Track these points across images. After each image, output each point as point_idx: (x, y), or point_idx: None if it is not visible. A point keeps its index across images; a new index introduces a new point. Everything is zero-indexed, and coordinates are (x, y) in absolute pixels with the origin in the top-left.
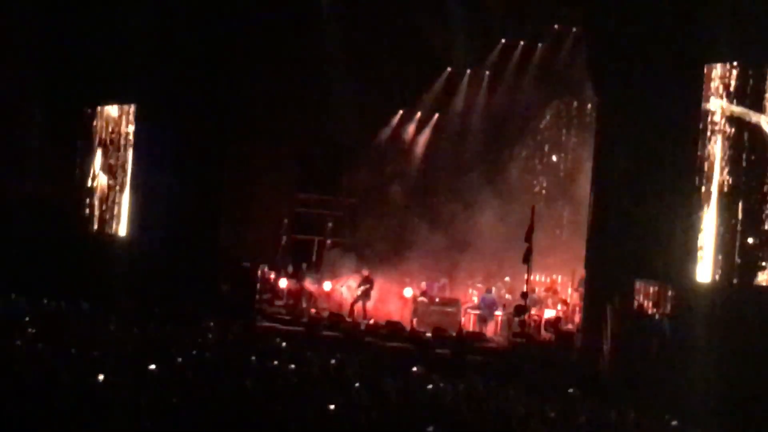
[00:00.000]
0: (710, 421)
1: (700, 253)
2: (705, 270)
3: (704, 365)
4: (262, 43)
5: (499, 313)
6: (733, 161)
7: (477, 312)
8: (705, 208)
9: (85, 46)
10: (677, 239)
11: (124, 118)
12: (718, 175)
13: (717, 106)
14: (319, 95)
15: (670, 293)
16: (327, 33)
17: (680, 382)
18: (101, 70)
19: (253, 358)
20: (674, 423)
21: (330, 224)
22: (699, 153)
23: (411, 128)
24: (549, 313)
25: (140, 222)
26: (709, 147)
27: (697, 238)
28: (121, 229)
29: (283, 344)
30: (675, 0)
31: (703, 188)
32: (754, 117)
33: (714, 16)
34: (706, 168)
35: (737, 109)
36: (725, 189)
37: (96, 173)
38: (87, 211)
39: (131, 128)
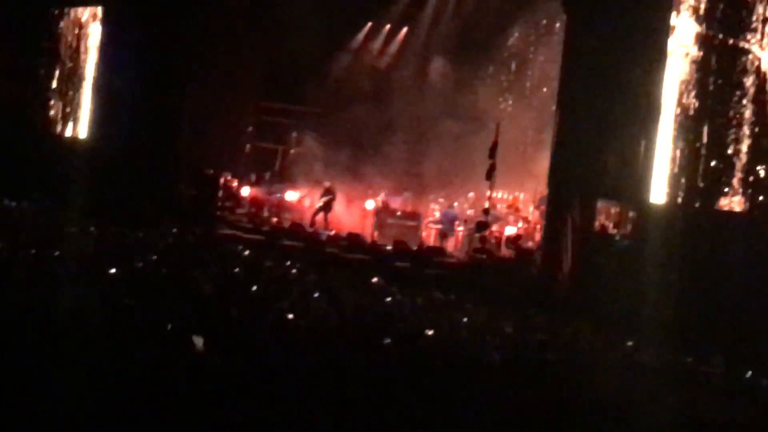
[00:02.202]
0: (665, 341)
1: (662, 176)
2: (667, 192)
3: (662, 286)
4: None
5: (460, 228)
6: (700, 84)
7: (438, 227)
8: (670, 131)
9: None
10: (640, 161)
11: (90, 20)
12: (684, 98)
13: (687, 27)
14: (285, 4)
15: (630, 214)
16: None
17: (637, 302)
18: None
19: (213, 264)
20: (629, 343)
21: (294, 134)
22: (665, 75)
23: (379, 40)
24: (510, 230)
25: (102, 125)
26: (677, 69)
27: (660, 161)
28: (82, 131)
29: (245, 252)
30: None
31: (669, 110)
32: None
33: None
34: (672, 90)
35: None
36: (691, 112)
37: (62, 75)
38: (52, 112)
39: (97, 30)
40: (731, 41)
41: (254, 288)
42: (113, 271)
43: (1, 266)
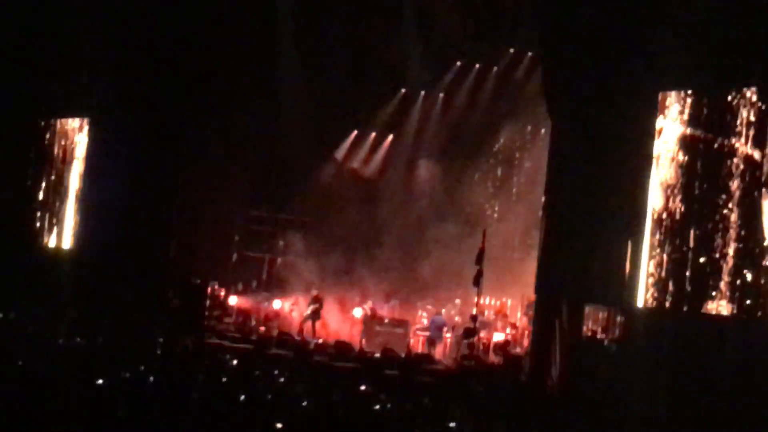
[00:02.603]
0: None
1: (650, 279)
2: (655, 296)
3: (652, 391)
4: (217, 60)
5: (448, 335)
6: (685, 188)
7: (426, 334)
8: (657, 235)
9: (39, 59)
10: (627, 265)
11: (76, 131)
12: (671, 202)
13: (672, 130)
14: (273, 114)
15: (619, 318)
16: (281, 51)
17: (627, 408)
18: (55, 83)
19: (201, 374)
20: None
21: (281, 242)
22: (651, 179)
23: (365, 148)
24: (498, 336)
25: (90, 235)
26: (662, 174)
27: (647, 264)
28: (72, 241)
29: (233, 362)
30: (630, 26)
31: (655, 215)
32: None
33: (669, 44)
34: (658, 195)
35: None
36: (677, 216)
37: (48, 185)
38: (38, 223)
39: (84, 141)
40: (716, 145)
41: (242, 397)
42: (100, 381)
43: None
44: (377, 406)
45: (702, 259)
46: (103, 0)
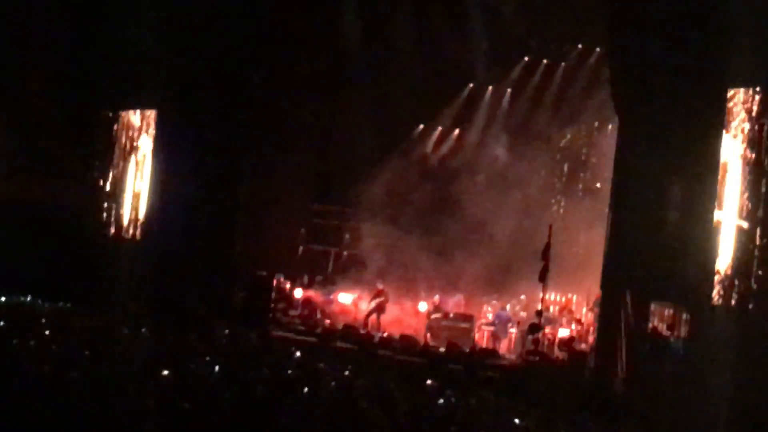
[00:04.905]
0: None
1: (716, 278)
2: (721, 294)
3: (718, 390)
4: (283, 52)
5: (513, 330)
6: (752, 187)
7: (491, 329)
8: (723, 233)
9: (106, 50)
10: (694, 263)
11: (144, 123)
12: (738, 201)
13: (740, 128)
14: (339, 106)
15: (685, 316)
16: (347, 45)
17: (694, 407)
18: (122, 74)
19: (266, 367)
20: None
21: (347, 236)
22: (719, 178)
23: (431, 142)
24: (563, 332)
25: (156, 227)
26: (730, 172)
27: (714, 263)
28: (138, 233)
29: (297, 354)
30: (698, 22)
31: (722, 212)
32: None
33: (738, 40)
34: (725, 193)
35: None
36: (744, 214)
37: (115, 177)
38: (105, 215)
39: (151, 133)
40: None
41: (307, 391)
42: (166, 373)
43: (55, 368)
44: (441, 401)
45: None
46: None
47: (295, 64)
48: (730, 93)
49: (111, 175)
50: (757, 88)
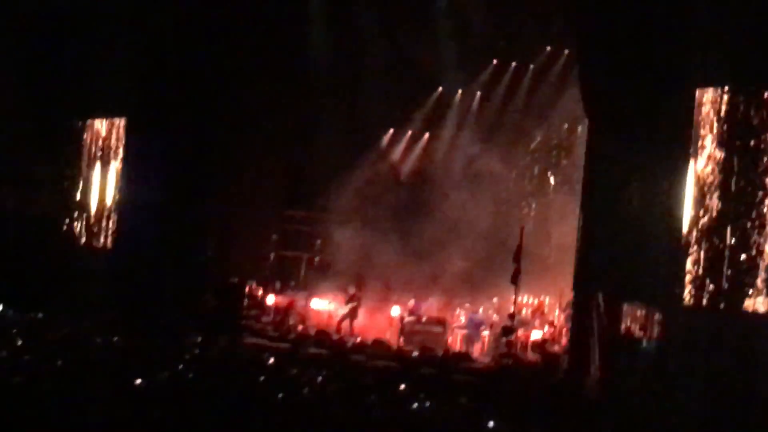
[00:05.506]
0: None
1: (687, 277)
2: (692, 294)
3: (690, 390)
4: (252, 59)
5: (486, 333)
6: (722, 185)
7: (464, 332)
8: (693, 232)
9: (74, 58)
10: (665, 263)
11: (113, 131)
12: (708, 199)
13: (708, 128)
14: (309, 112)
15: (657, 317)
16: (316, 50)
17: (667, 408)
18: (91, 83)
19: (238, 374)
20: None
21: (318, 241)
22: (688, 177)
23: (401, 147)
24: (536, 335)
25: (127, 235)
26: (699, 171)
27: (685, 262)
28: (109, 242)
29: (270, 360)
30: (666, 23)
31: (692, 212)
32: None
33: (706, 40)
34: (695, 192)
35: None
36: (714, 214)
37: (85, 186)
38: (75, 224)
39: (121, 141)
40: (753, 142)
41: (280, 397)
42: (138, 381)
43: (27, 378)
44: (415, 405)
45: (739, 257)
46: (140, 0)
47: (264, 70)
48: (699, 93)
49: (81, 183)
50: (725, 88)
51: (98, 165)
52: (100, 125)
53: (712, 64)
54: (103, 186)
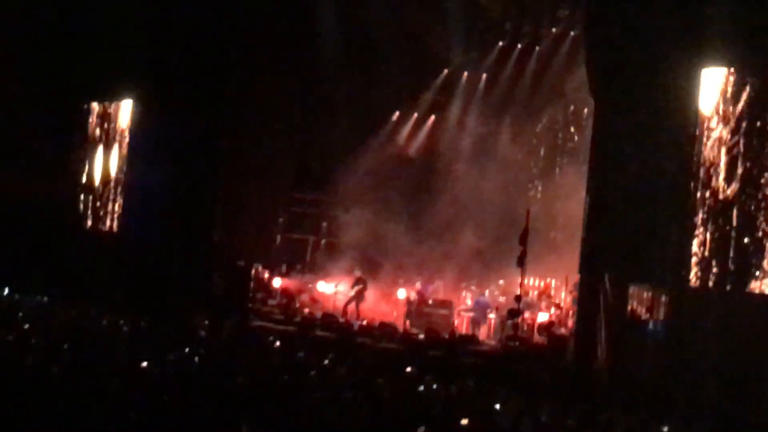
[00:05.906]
0: (702, 427)
1: (694, 259)
2: (699, 276)
3: (697, 371)
4: (260, 42)
5: (492, 315)
6: (728, 166)
7: (470, 314)
8: (700, 214)
9: (82, 41)
10: (671, 244)
11: (119, 114)
12: (714, 181)
13: (715, 109)
14: (316, 95)
15: (663, 298)
16: (324, 32)
17: (673, 388)
18: (97, 66)
19: (245, 356)
20: (665, 429)
21: (325, 224)
22: (695, 159)
23: (407, 129)
24: (542, 317)
25: (134, 218)
26: (705, 153)
27: (691, 244)
28: (116, 225)
29: (277, 343)
30: (674, 3)
31: (699, 194)
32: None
33: (713, 21)
34: (701, 174)
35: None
36: (720, 195)
37: (91, 169)
38: (81, 207)
39: (128, 124)
40: (759, 123)
41: (287, 379)
42: (145, 364)
43: (35, 361)
44: (421, 388)
45: (745, 239)
46: None
47: (272, 53)
48: (705, 73)
49: (87, 166)
50: (732, 69)
51: (105, 148)
52: (106, 108)
53: (719, 45)
54: (108, 169)
